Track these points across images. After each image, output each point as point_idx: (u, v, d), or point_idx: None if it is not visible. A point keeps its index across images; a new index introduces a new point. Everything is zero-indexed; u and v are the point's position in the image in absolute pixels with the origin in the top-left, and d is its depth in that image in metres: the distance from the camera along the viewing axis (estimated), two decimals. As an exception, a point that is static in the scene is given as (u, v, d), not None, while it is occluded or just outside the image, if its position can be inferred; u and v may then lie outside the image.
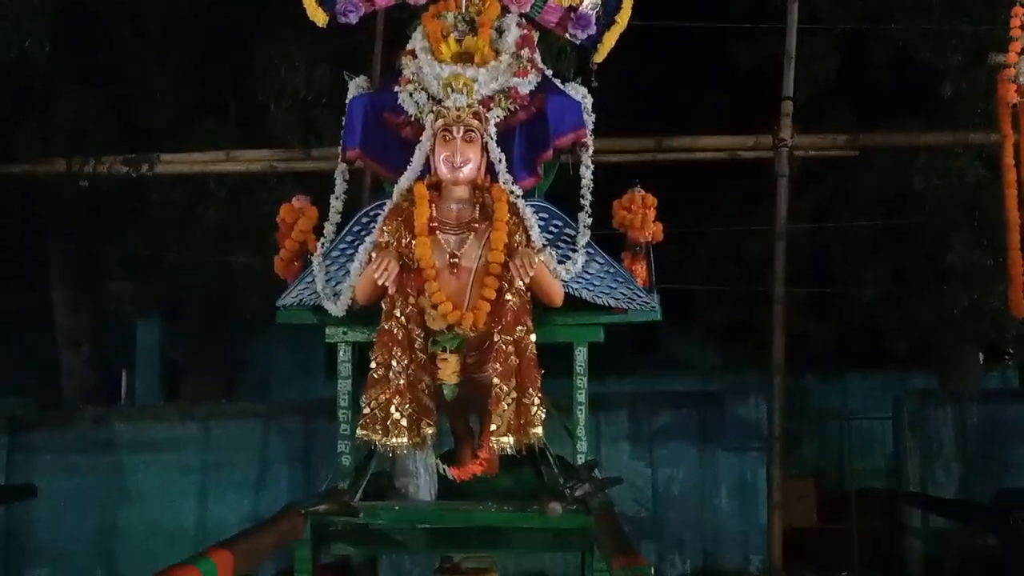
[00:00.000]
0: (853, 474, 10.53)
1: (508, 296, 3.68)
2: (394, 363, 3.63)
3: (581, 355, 4.08)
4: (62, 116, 9.13)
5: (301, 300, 4.11)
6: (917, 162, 9.21)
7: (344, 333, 4.10)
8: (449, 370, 3.73)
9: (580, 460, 4.03)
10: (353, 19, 4.37)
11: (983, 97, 8.23)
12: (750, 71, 9.84)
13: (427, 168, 3.96)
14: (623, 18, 4.42)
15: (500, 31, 4.24)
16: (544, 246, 3.87)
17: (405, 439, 3.61)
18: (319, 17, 4.36)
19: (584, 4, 4.40)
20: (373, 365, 3.67)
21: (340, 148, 4.34)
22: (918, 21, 9.12)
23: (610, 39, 4.43)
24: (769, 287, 7.84)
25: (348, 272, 3.94)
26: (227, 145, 8.81)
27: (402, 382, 3.62)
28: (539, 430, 3.60)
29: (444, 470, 3.88)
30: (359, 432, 3.66)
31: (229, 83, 10.21)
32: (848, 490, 10.35)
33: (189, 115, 9.97)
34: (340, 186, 4.31)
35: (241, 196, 9.21)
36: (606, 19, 4.42)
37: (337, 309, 3.95)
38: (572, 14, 4.41)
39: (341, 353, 4.12)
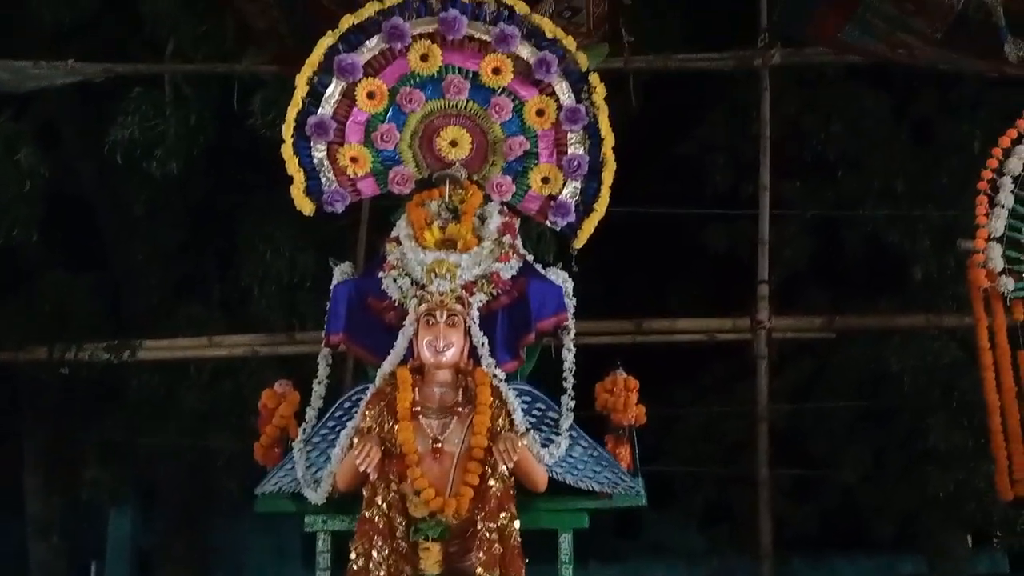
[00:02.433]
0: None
1: (491, 481, 3.65)
2: (375, 553, 3.56)
3: (566, 542, 4.00)
4: (46, 302, 9.18)
5: (280, 487, 4.04)
6: (892, 343, 9.31)
7: (324, 522, 4.01)
8: (431, 560, 3.65)
9: (566, 654, 3.90)
10: (339, 208, 4.49)
11: (953, 280, 8.41)
12: (726, 255, 10.05)
13: (410, 352, 3.99)
14: (601, 206, 4.56)
15: (482, 218, 4.38)
16: (527, 430, 3.86)
17: (386, 632, 3.50)
18: (306, 206, 4.47)
19: (563, 193, 4.56)
20: (353, 555, 3.60)
21: (324, 333, 4.37)
22: (886, 207, 9.40)
23: (589, 226, 4.56)
24: (751, 469, 7.77)
25: (329, 458, 3.90)
26: (210, 328, 8.83)
27: (382, 573, 3.54)
28: (524, 623, 3.51)
29: (423, 666, 3.73)
30: (338, 625, 3.55)
31: (213, 266, 10.33)
32: None
33: (172, 298, 10.03)
34: (323, 371, 4.33)
35: (222, 380, 9.16)
36: (585, 207, 4.56)
37: (317, 497, 3.89)
38: (552, 202, 4.55)
39: (320, 543, 4.02)
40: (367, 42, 4.57)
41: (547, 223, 4.60)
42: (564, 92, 4.62)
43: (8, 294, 9.34)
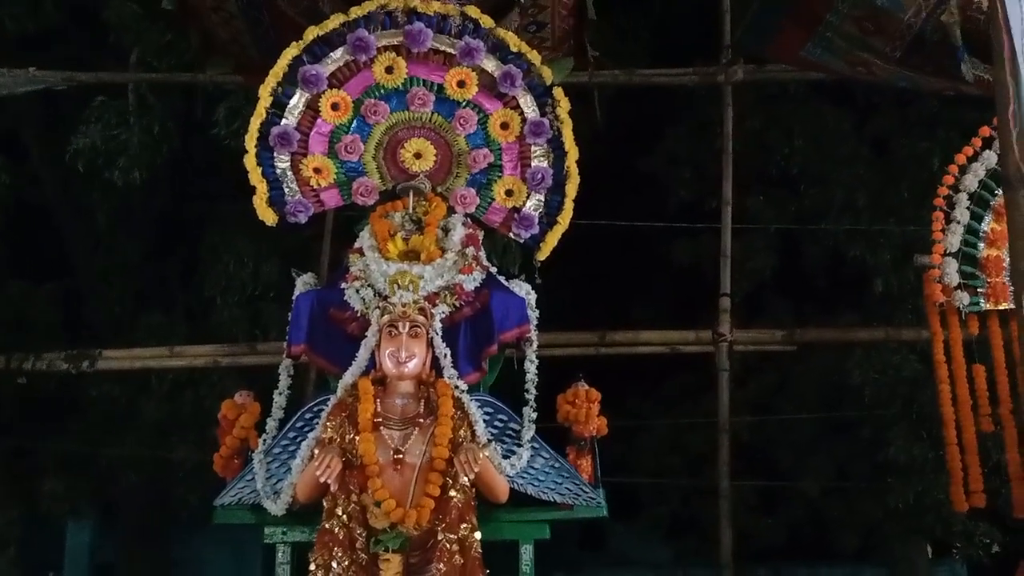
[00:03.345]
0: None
1: (452, 493, 3.65)
2: (334, 564, 3.54)
3: (527, 553, 4.01)
4: (5, 311, 9.08)
5: (240, 499, 4.03)
6: (854, 356, 9.39)
7: (283, 533, 4.00)
8: (391, 571, 3.64)
9: (526, 665, 3.90)
10: (303, 219, 4.49)
11: (912, 294, 8.50)
12: (690, 268, 10.12)
13: (372, 363, 3.99)
14: (565, 218, 4.58)
15: (446, 230, 4.38)
16: (489, 441, 3.87)
17: (345, 644, 3.48)
18: (269, 216, 4.46)
19: (527, 205, 4.58)
20: (312, 567, 3.58)
21: (286, 343, 4.36)
22: (847, 222, 9.50)
23: (552, 238, 4.57)
24: (714, 480, 7.80)
25: (290, 469, 3.89)
26: (172, 338, 8.76)
27: (342, 584, 3.53)
28: (484, 634, 3.51)
29: (383, 678, 3.72)
30: (298, 637, 3.53)
31: (176, 276, 10.26)
32: None
33: (135, 308, 9.95)
34: (284, 381, 4.32)
35: (183, 390, 9.09)
36: (548, 219, 4.58)
37: (277, 508, 3.87)
38: (516, 214, 4.57)
39: (280, 554, 4.00)
40: (332, 53, 4.57)
41: (511, 235, 4.61)
42: (528, 105, 4.64)
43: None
